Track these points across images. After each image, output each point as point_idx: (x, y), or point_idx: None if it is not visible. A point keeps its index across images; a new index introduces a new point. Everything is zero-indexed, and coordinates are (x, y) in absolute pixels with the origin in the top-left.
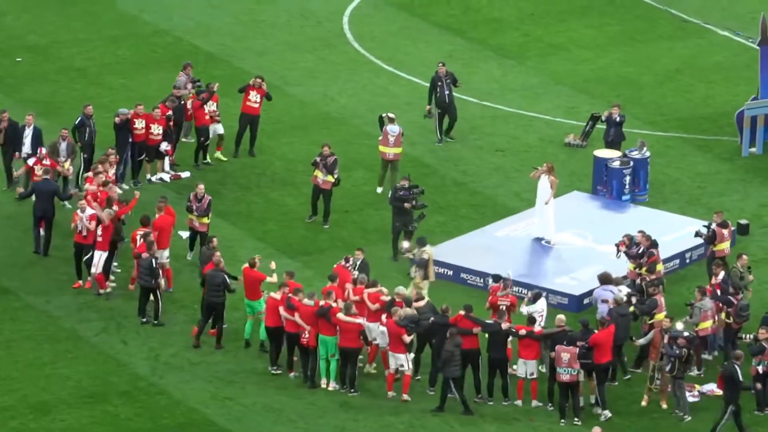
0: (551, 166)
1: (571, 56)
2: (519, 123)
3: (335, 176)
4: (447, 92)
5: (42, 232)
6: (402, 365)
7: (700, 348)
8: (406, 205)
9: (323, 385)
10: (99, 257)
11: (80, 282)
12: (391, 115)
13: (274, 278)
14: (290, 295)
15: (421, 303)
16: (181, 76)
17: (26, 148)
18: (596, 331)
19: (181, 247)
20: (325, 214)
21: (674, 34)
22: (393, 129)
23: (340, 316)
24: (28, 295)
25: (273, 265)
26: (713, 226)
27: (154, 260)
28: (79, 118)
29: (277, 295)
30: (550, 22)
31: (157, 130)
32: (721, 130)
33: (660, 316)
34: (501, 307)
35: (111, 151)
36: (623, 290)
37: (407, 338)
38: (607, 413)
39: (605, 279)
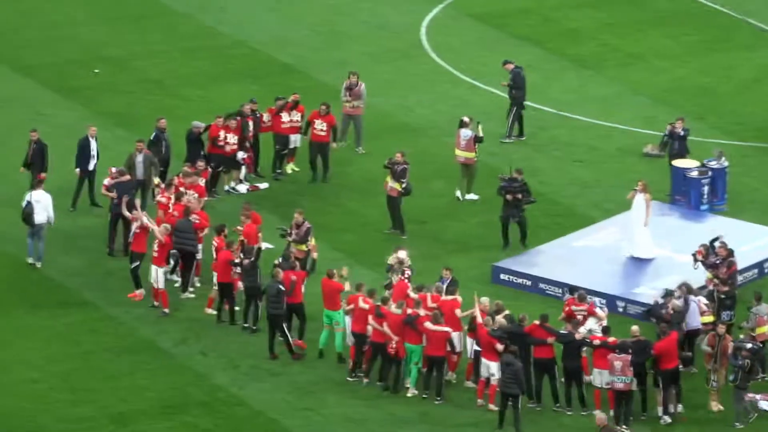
0: (646, 183)
1: (649, 66)
2: (597, 133)
3: (403, 184)
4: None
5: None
6: (493, 374)
7: (764, 355)
8: (508, 196)
9: (409, 394)
10: (156, 272)
11: (136, 292)
12: (465, 119)
13: (347, 286)
14: (379, 303)
15: (501, 315)
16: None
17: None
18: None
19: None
20: (395, 223)
21: (752, 44)
22: (465, 133)
23: (428, 324)
24: (108, 306)
25: (345, 271)
26: None
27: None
28: (154, 133)
29: (366, 305)
30: (627, 32)
31: (232, 140)
32: None
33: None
34: (578, 317)
35: (200, 164)
36: (701, 300)
37: (500, 347)
38: (667, 419)
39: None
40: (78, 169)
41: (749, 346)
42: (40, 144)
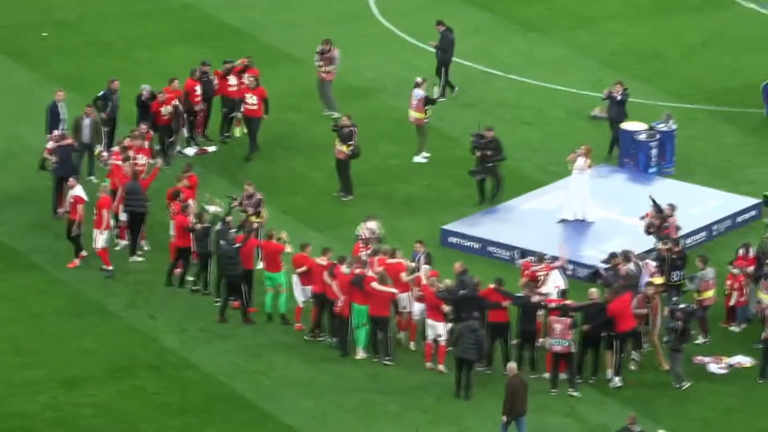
0: (589, 148)
1: (598, 29)
2: (544, 96)
3: (351, 147)
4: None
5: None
6: (440, 335)
7: (704, 317)
8: (477, 153)
9: (358, 356)
10: (95, 235)
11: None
12: (418, 79)
13: (289, 248)
14: (335, 262)
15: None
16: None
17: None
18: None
19: None
20: (343, 186)
21: (701, 7)
22: (417, 93)
23: (374, 285)
24: (55, 269)
25: (284, 234)
26: None
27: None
28: (103, 92)
29: (323, 261)
30: None
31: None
32: (747, 102)
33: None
34: (540, 278)
35: (143, 127)
36: (650, 263)
37: (446, 308)
38: (617, 381)
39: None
40: (48, 135)
41: (682, 306)
42: None
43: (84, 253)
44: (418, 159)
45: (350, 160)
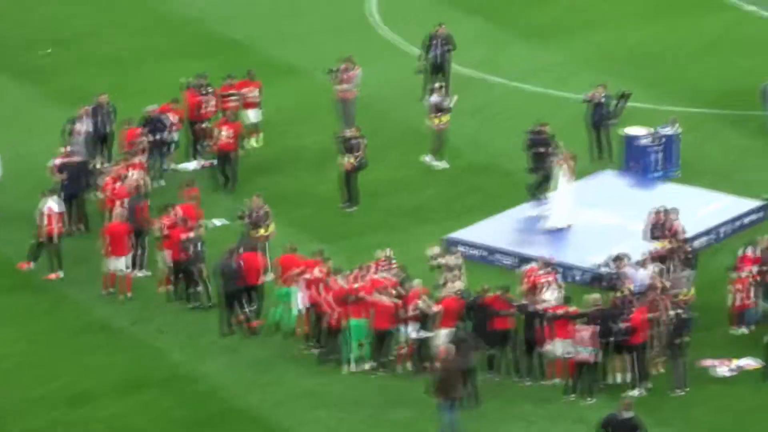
0: (568, 154)
1: (600, 34)
2: (549, 103)
3: (358, 158)
4: (437, 52)
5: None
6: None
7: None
8: (532, 150)
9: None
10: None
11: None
12: (436, 85)
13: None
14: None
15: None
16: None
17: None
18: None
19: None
20: (350, 197)
21: (703, 11)
22: (432, 100)
23: (371, 295)
24: (63, 287)
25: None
26: None
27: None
28: (92, 107)
29: (319, 273)
30: (578, 1)
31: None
32: (752, 105)
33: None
34: (541, 285)
35: (143, 140)
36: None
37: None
38: (636, 392)
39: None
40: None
41: (680, 311)
42: None
43: (60, 273)
44: (435, 164)
45: (357, 172)
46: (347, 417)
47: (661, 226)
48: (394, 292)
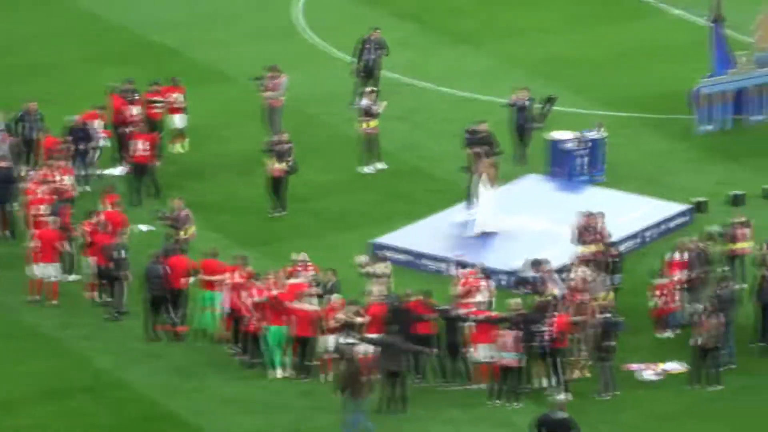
0: (484, 162)
1: (527, 39)
2: (476, 107)
3: (289, 163)
4: (371, 57)
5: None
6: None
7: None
8: (467, 150)
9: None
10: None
11: None
12: (367, 89)
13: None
14: (251, 280)
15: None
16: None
17: None
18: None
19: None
20: (280, 202)
21: (629, 15)
22: (363, 103)
23: (292, 303)
24: None
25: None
26: (732, 225)
27: (122, 250)
28: (20, 113)
29: (239, 278)
30: (505, 6)
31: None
32: (676, 109)
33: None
34: (475, 289)
35: (64, 146)
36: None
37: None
38: (569, 395)
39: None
40: None
41: (607, 315)
42: None
43: None
44: (365, 169)
45: (287, 177)
46: (271, 423)
47: (591, 230)
48: (314, 292)
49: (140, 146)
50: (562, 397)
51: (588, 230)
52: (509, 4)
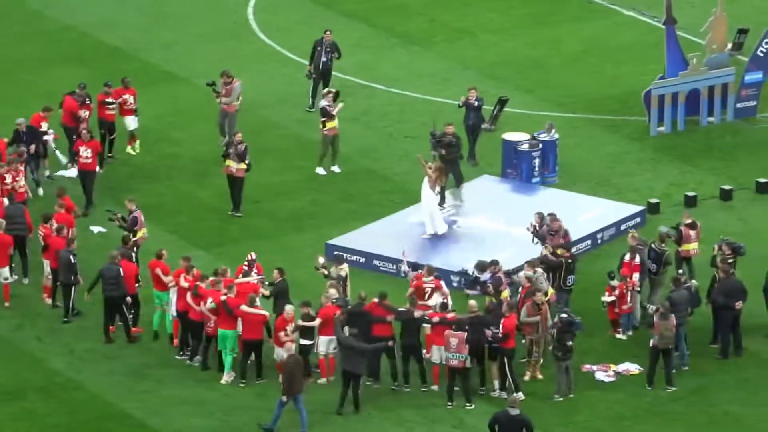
0: (435, 164)
1: (478, 41)
2: (427, 109)
3: (247, 163)
4: (324, 59)
5: None
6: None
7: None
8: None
9: (222, 380)
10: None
11: None
12: (324, 90)
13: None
14: (198, 283)
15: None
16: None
17: None
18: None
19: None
20: (237, 203)
21: (580, 16)
22: (320, 104)
23: (244, 307)
24: None
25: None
26: (681, 226)
27: (72, 256)
28: None
29: (186, 283)
30: (455, 7)
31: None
32: (629, 110)
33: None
34: (426, 291)
35: (21, 149)
36: (538, 271)
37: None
38: (521, 395)
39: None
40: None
41: (564, 316)
42: None
43: None
44: (318, 170)
45: (244, 178)
46: (225, 424)
47: (555, 232)
48: (265, 292)
49: (82, 153)
50: (516, 395)
51: (552, 233)
52: (454, 5)
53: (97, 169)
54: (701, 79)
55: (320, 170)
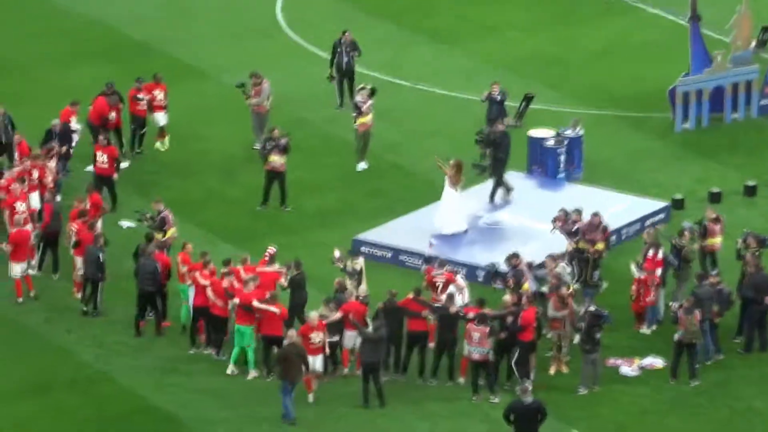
0: (454, 162)
1: (503, 37)
2: (454, 105)
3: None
4: (346, 59)
5: None
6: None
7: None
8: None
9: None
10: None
11: None
12: (360, 85)
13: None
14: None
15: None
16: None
17: None
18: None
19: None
20: (284, 197)
21: (605, 13)
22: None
23: (256, 303)
24: None
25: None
26: (705, 221)
27: (101, 253)
28: None
29: (201, 279)
30: (480, 4)
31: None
32: (653, 107)
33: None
34: (438, 284)
35: (52, 146)
36: (567, 268)
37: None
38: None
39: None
40: None
41: (592, 309)
42: None
43: None
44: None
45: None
46: (252, 417)
47: (595, 228)
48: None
49: (99, 159)
50: (524, 384)
51: (592, 228)
52: (480, 2)
53: (115, 176)
54: (726, 77)
55: (362, 165)
